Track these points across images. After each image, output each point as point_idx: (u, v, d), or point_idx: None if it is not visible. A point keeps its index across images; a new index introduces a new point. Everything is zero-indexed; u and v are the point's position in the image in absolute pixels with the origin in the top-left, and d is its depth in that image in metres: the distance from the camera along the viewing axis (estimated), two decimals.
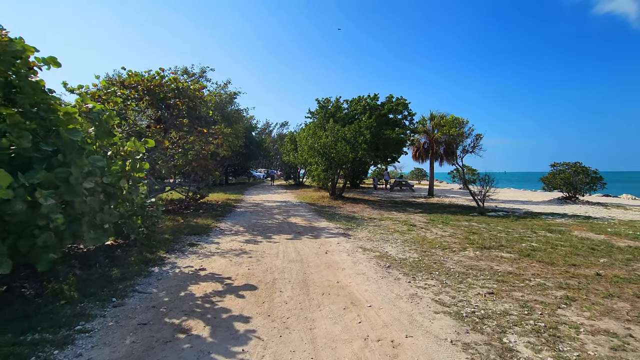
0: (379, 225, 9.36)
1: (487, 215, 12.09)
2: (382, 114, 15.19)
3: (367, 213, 12.25)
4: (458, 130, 14.07)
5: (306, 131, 17.79)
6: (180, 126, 12.06)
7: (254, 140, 31.97)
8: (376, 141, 14.97)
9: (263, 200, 17.01)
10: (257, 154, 33.21)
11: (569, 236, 8.08)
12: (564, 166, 17.49)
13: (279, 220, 10.11)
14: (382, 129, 15.24)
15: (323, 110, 17.57)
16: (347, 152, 14.66)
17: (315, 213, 11.97)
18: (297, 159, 23.93)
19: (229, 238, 7.43)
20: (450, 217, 11.20)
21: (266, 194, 21.65)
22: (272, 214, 11.75)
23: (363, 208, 13.84)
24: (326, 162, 15.73)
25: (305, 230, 8.43)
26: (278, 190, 24.66)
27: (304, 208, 13.54)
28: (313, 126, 17.77)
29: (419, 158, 20.63)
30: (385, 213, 12.35)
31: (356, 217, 10.95)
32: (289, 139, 28.48)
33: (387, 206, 14.86)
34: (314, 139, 15.93)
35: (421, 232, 8.37)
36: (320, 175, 15.99)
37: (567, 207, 15.15)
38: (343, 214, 11.92)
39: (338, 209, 13.45)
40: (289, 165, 31.05)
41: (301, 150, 20.10)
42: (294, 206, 14.24)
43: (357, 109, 16.23)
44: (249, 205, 14.24)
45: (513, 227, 9.48)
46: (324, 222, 9.94)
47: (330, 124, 15.47)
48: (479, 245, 6.92)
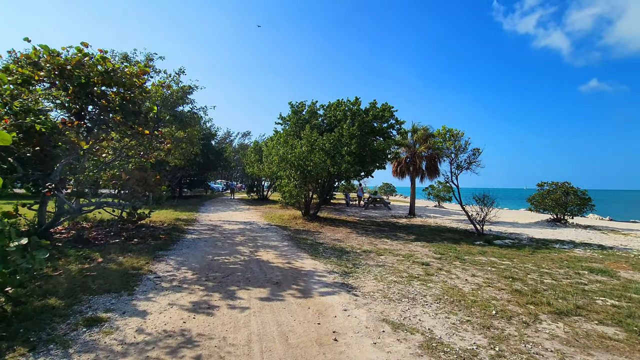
0: (383, 265, 6.95)
1: (494, 244, 10.19)
2: (365, 121, 13.00)
3: (356, 242, 9.83)
4: (455, 143, 12.25)
5: (276, 139, 15.18)
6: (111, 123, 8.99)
7: (212, 148, 28.62)
8: (362, 153, 12.76)
9: (222, 220, 14.00)
10: (216, 164, 29.78)
11: (627, 281, 6.22)
12: (551, 186, 16.45)
13: (245, 257, 7.35)
14: (368, 139, 13.04)
15: (296, 116, 15.09)
16: (327, 164, 12.26)
17: (291, 242, 9.32)
18: (263, 171, 21.14)
19: (166, 300, 4.59)
20: (458, 249, 9.12)
21: (226, 210, 18.56)
22: (235, 243, 8.92)
23: (347, 233, 11.42)
24: (300, 176, 13.21)
25: (285, 279, 5.78)
26: (240, 207, 21.59)
27: (275, 234, 10.82)
28: (285, 134, 15.22)
29: (399, 174, 18.78)
30: (377, 241, 10.02)
31: (346, 250, 8.47)
32: (254, 149, 25.64)
33: (373, 230, 12.59)
34: (286, 148, 13.37)
35: (445, 279, 6.07)
36: (292, 192, 13.41)
37: (564, 232, 13.86)
38: (327, 243, 9.39)
39: (317, 235, 10.90)
40: (252, 177, 28.01)
41: (268, 162, 17.47)
42: (262, 230, 11.46)
43: (337, 115, 13.96)
44: (204, 229, 11.24)
45: (544, 264, 7.54)
46: (308, 259, 7.34)
47: (306, 130, 13.03)
48: (545, 305, 4.73)
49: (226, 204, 23.90)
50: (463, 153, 12.51)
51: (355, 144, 12.05)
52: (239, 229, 11.65)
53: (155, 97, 10.45)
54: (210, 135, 28.42)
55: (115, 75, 7.96)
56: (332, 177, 13.96)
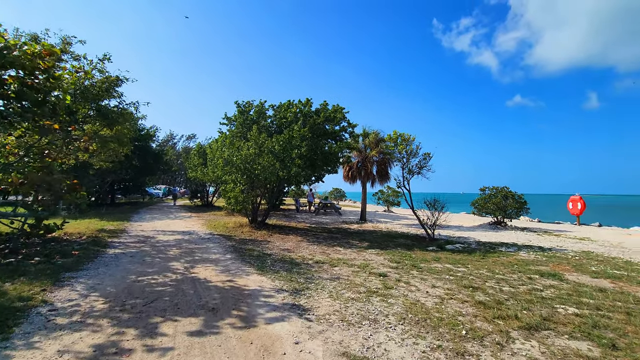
0: (338, 278, 6.27)
1: (447, 249, 10.11)
2: (317, 123, 12.39)
3: (307, 251, 9.09)
4: (407, 147, 12.13)
5: (221, 141, 13.96)
6: (11, 116, 7.26)
7: (151, 151, 26.14)
8: (313, 156, 12.09)
9: (157, 230, 12.41)
10: (154, 168, 27.24)
11: (576, 285, 6.25)
12: (492, 190, 17.26)
13: (178, 275, 6.21)
14: (320, 142, 12.42)
15: (243, 116, 14.01)
16: (276, 168, 11.40)
17: (235, 255, 8.29)
18: (206, 175, 19.56)
19: (56, 345, 3.40)
20: (413, 256, 8.80)
21: (163, 219, 16.74)
22: (168, 258, 7.67)
23: (297, 242, 10.63)
24: (247, 181, 12.17)
25: (225, 302, 4.82)
26: (181, 214, 19.75)
27: (217, 245, 9.67)
28: (230, 135, 14.05)
29: (350, 178, 18.49)
30: (330, 250, 9.37)
31: (296, 262, 7.67)
32: (197, 152, 23.84)
33: (325, 237, 11.95)
34: (231, 150, 12.26)
35: (406, 292, 5.55)
36: (238, 197, 12.29)
37: (505, 234, 14.45)
38: (276, 254, 8.51)
39: (265, 244, 9.96)
40: (196, 182, 26.04)
41: (212, 165, 16.12)
42: (202, 241, 10.22)
43: (287, 116, 13.17)
44: (133, 242, 9.71)
45: (497, 270, 7.45)
46: (253, 274, 6.41)
47: (253, 131, 12.05)
48: (512, 319, 4.38)
49: (165, 211, 21.79)
50: (414, 157, 12.44)
51: (306, 146, 11.36)
52: (175, 240, 10.28)
53: (68, 85, 8.77)
54: (147, 136, 25.93)
55: (11, 53, 6.37)
56: (282, 182, 13.11)
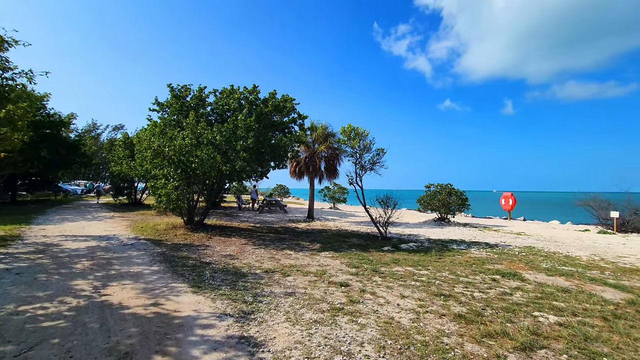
0: (294, 293, 5.27)
1: (402, 249, 9.67)
2: (264, 113, 11.15)
3: (254, 257, 7.92)
4: (361, 142, 11.49)
5: (150, 129, 12.01)
6: None
7: (63, 140, 22.37)
8: (260, 149, 10.83)
9: (66, 234, 10.18)
10: (69, 161, 23.36)
11: (538, 286, 6.06)
12: (437, 187, 17.60)
13: (81, 300, 4.68)
14: (268, 133, 11.19)
15: (179, 102, 12.20)
16: (217, 162, 9.96)
17: (165, 265, 6.81)
18: (133, 169, 17.08)
19: None
20: (370, 258, 8.14)
21: (78, 220, 14.14)
22: (72, 275, 5.95)
23: (241, 245, 9.38)
24: (182, 175, 10.52)
25: (144, 341, 3.52)
26: (101, 214, 17.02)
27: (143, 252, 8.03)
28: (162, 123, 12.15)
29: (298, 174, 17.51)
30: (280, 254, 8.32)
31: (242, 272, 6.49)
32: (123, 142, 20.91)
33: (272, 239, 10.84)
34: (163, 140, 10.50)
35: (375, 306, 4.76)
36: (171, 195, 10.58)
37: (450, 230, 14.69)
38: (216, 262, 7.21)
39: (204, 250, 8.55)
40: (122, 177, 22.89)
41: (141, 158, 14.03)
42: (123, 248, 8.46)
43: (230, 103, 11.72)
44: (26, 252, 7.62)
45: (458, 271, 7.08)
46: (188, 293, 5.11)
47: (190, 118, 10.43)
48: (501, 337, 3.80)
49: (82, 211, 18.69)
50: (368, 153, 11.88)
51: (253, 138, 10.10)
52: (87, 248, 8.36)
53: None
54: (59, 122, 22.07)
55: None
56: (224, 178, 11.66)
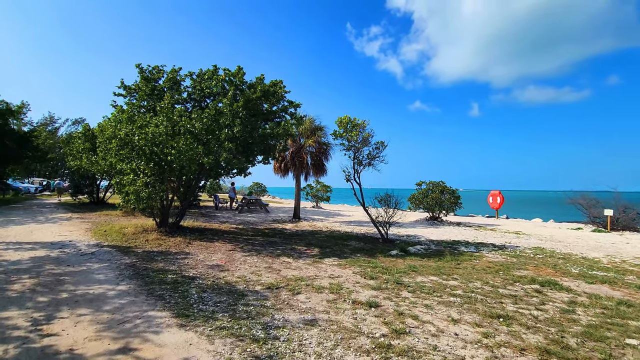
0: (315, 320, 3.99)
1: (411, 252, 8.63)
2: (251, 99, 9.69)
3: (247, 267, 6.53)
4: (361, 134, 10.35)
5: (115, 115, 10.23)
6: None
7: (11, 132, 19.65)
8: (247, 140, 9.36)
9: (8, 241, 8.27)
10: (19, 155, 20.60)
11: (594, 298, 5.16)
12: (429, 185, 16.83)
13: (11, 347, 3.17)
14: (257, 122, 9.70)
15: (149, 85, 10.48)
16: (197, 153, 8.44)
17: (136, 284, 5.28)
18: (95, 164, 14.99)
19: None
20: (384, 266, 7.00)
21: (27, 222, 12.01)
22: (3, 302, 4.35)
23: (229, 252, 7.95)
24: (155, 170, 8.89)
25: None
26: (57, 215, 14.80)
27: (106, 265, 6.42)
28: (130, 109, 10.37)
29: (283, 170, 16.12)
30: (277, 263, 6.99)
31: (239, 290, 5.11)
32: (83, 134, 18.55)
33: (262, 243, 9.47)
34: (132, 127, 8.82)
35: (428, 338, 3.59)
36: (141, 193, 8.89)
37: (447, 230, 13.90)
38: (203, 276, 5.76)
39: (184, 259, 7.05)
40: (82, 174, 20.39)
41: (104, 150, 12.18)
42: (81, 259, 6.78)
43: (211, 86, 10.17)
44: None
45: (489, 280, 6.11)
46: (171, 328, 3.69)
47: (165, 102, 8.83)
48: None
49: (34, 211, 16.27)
50: (366, 146, 10.76)
51: (240, 126, 8.65)
52: (33, 259, 6.62)
53: None
54: (7, 112, 19.30)
55: None
56: (204, 172, 10.11)
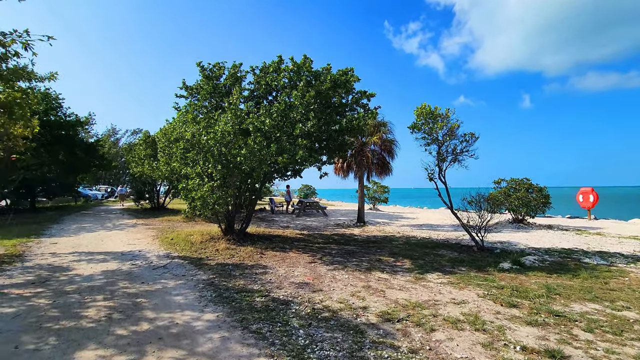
0: None
1: (527, 267, 7.00)
2: (321, 91, 8.60)
3: (341, 287, 5.40)
4: (448, 126, 8.89)
5: (179, 117, 9.73)
6: None
7: (80, 142, 20.59)
8: (321, 136, 8.30)
9: (80, 251, 7.96)
10: (87, 164, 21.59)
11: None
12: (511, 182, 14.73)
13: None
14: (331, 115, 8.58)
15: (211, 83, 9.88)
16: (270, 153, 7.51)
17: (223, 311, 4.34)
18: (156, 170, 14.94)
19: None
20: (500, 283, 5.52)
21: (97, 229, 12.04)
22: (78, 334, 3.56)
23: (310, 265, 6.90)
24: (223, 172, 8.12)
25: None
26: (122, 221, 14.95)
27: (182, 283, 5.63)
28: (192, 109, 9.84)
29: (345, 170, 14.99)
30: (374, 282, 5.78)
31: (350, 322, 3.96)
32: (144, 141, 18.90)
33: (339, 252, 8.35)
34: (198, 127, 8.15)
35: None
36: (208, 199, 8.17)
37: (542, 235, 11.83)
38: (297, 302, 4.70)
39: (265, 276, 6.09)
40: (143, 180, 20.92)
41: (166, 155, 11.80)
42: (154, 275, 6.09)
43: (278, 80, 9.29)
44: (24, 282, 5.35)
45: None
46: None
47: (234, 97, 8.07)
48: None
49: (102, 217, 16.71)
50: (453, 139, 9.25)
51: (315, 119, 7.60)
52: (105, 274, 6.04)
53: None
54: (76, 123, 20.26)
55: None
56: (270, 174, 9.24)
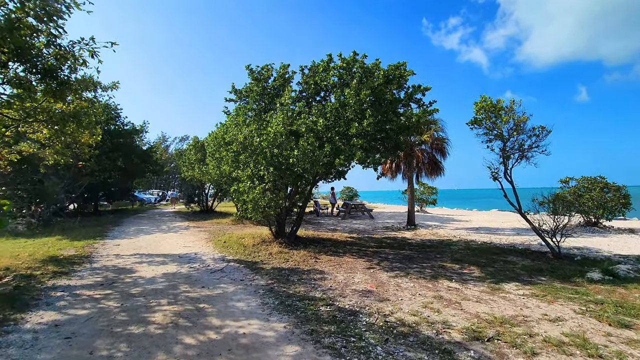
0: None
1: (622, 277, 6.08)
2: (375, 87, 8.15)
3: (412, 298, 4.95)
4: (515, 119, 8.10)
5: (232, 121, 9.82)
6: None
7: (135, 149, 21.82)
8: (375, 135, 7.89)
9: (141, 253, 8.22)
10: (143, 169, 22.91)
11: None
12: (582, 182, 13.28)
13: None
14: (386, 112, 8.10)
15: (260, 85, 9.87)
16: (325, 153, 7.24)
17: (289, 320, 4.10)
18: (206, 174, 15.38)
19: None
20: (595, 296, 4.75)
21: (153, 231, 12.54)
22: (148, 341, 3.50)
23: (370, 272, 6.51)
24: (275, 175, 7.99)
25: None
26: (175, 223, 15.51)
27: (241, 288, 5.50)
28: (243, 112, 9.88)
29: (394, 171, 14.42)
30: (444, 291, 5.26)
31: (429, 338, 3.52)
32: (193, 146, 19.63)
33: (397, 258, 7.87)
34: (250, 129, 8.11)
35: None
36: (259, 201, 8.07)
37: (625, 240, 10.44)
38: (365, 312, 4.34)
39: (324, 282, 5.81)
40: (192, 184, 21.77)
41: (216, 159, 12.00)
42: (213, 280, 6.04)
43: (327, 79, 9.04)
44: (91, 285, 5.53)
45: None
46: None
47: (286, 97, 7.93)
48: None
49: (157, 220, 17.53)
50: (520, 134, 8.42)
51: (371, 117, 7.19)
52: (166, 276, 6.09)
53: None
54: (133, 131, 21.56)
55: None
56: (324, 175, 8.99)
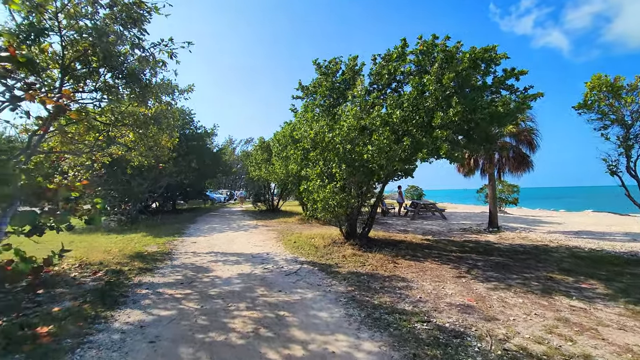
0: None
1: None
2: (459, 72, 7.11)
3: (525, 318, 4.02)
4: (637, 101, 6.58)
5: (300, 118, 9.57)
6: None
7: (207, 151, 23.03)
8: (464, 125, 6.90)
9: (215, 251, 8.32)
10: (214, 170, 24.21)
11: None
12: None
13: None
14: (475, 99, 7.04)
15: (329, 80, 9.44)
16: (404, 148, 6.52)
17: (382, 340, 3.50)
18: (272, 173, 15.53)
19: None
20: None
21: (225, 230, 12.88)
22: (229, 351, 3.20)
23: (462, 282, 5.66)
24: (347, 172, 7.46)
25: None
26: (244, 222, 15.87)
27: (320, 294, 5.06)
28: (311, 108, 9.56)
29: (471, 167, 13.02)
30: (564, 310, 4.22)
31: None
32: (260, 147, 20.09)
33: (489, 265, 6.82)
34: (321, 124, 7.71)
35: None
36: (329, 201, 7.61)
37: None
38: (475, 336, 3.57)
39: (410, 291, 5.12)
40: (258, 184, 22.36)
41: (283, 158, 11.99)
42: (289, 283, 5.70)
43: (401, 67, 8.25)
44: (173, 283, 5.54)
45: None
46: None
47: (358, 88, 7.37)
48: None
49: (227, 218, 18.23)
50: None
51: (459, 106, 6.26)
52: (242, 277, 5.92)
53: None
54: (205, 134, 22.83)
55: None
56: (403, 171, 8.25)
